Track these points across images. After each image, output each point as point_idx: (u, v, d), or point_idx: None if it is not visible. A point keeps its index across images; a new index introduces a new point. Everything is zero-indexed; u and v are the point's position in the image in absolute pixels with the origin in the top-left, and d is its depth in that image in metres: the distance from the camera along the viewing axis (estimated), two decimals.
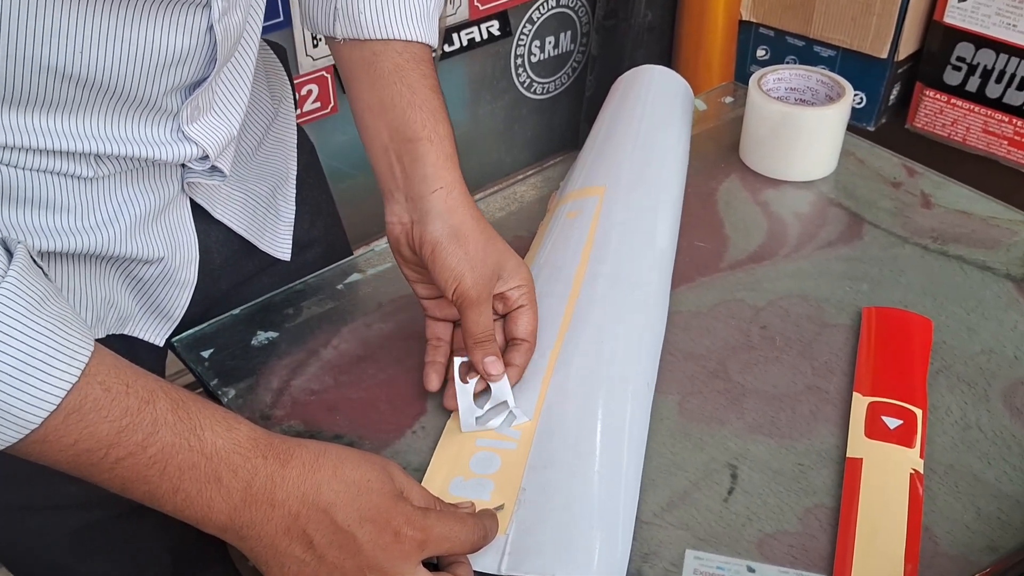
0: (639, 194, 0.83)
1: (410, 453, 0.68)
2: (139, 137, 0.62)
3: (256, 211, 0.80)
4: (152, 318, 0.75)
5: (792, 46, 1.53)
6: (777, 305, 0.79)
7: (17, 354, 0.46)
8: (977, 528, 0.61)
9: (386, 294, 0.82)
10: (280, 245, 0.83)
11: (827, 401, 0.70)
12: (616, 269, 0.77)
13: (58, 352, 0.47)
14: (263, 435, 0.54)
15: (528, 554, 0.59)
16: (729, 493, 0.64)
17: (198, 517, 0.52)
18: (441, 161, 0.68)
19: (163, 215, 0.69)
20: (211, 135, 0.66)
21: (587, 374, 0.69)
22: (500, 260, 0.68)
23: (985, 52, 1.35)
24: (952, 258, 0.84)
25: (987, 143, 1.41)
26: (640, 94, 0.94)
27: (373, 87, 0.69)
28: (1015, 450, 0.66)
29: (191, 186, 0.70)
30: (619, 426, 0.66)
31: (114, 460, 0.49)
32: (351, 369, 0.74)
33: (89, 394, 0.48)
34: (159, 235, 0.70)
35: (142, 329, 0.75)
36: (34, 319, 0.47)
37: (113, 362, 0.51)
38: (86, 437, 0.49)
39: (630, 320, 0.73)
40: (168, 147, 0.64)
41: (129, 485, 0.51)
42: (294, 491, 0.52)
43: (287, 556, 0.53)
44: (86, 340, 0.50)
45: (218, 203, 0.75)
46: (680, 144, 0.91)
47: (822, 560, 0.60)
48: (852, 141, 0.98)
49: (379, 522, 0.52)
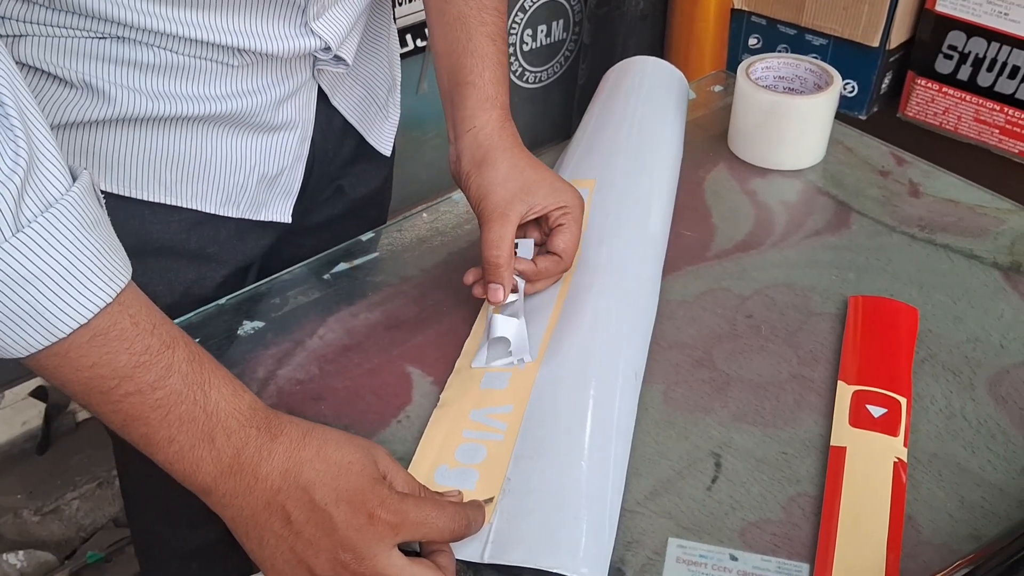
0: (632, 186, 0.83)
1: (395, 442, 0.67)
2: (269, 32, 0.70)
3: (370, 107, 0.88)
4: (278, 196, 0.82)
5: (784, 35, 1.52)
6: (763, 294, 0.79)
7: (62, 262, 0.48)
8: (960, 517, 0.61)
9: (372, 283, 0.82)
10: (384, 141, 0.92)
11: (812, 390, 0.70)
12: (607, 260, 0.77)
13: (99, 270, 0.50)
14: (262, 408, 0.56)
15: (511, 543, 0.59)
16: (713, 482, 0.64)
17: (185, 473, 0.54)
18: (479, 103, 0.74)
19: (296, 95, 0.77)
20: (333, 28, 0.73)
21: (576, 365, 0.69)
22: (528, 184, 0.72)
23: (976, 40, 1.34)
24: (939, 247, 0.83)
25: (978, 132, 1.40)
26: (633, 86, 0.94)
27: (441, 33, 0.78)
28: (999, 439, 0.66)
29: (319, 73, 0.78)
30: (607, 417, 0.65)
31: (123, 393, 0.51)
32: (337, 359, 0.74)
33: (118, 322, 0.51)
34: (290, 109, 0.78)
35: (270, 210, 0.82)
36: (83, 236, 0.50)
37: (146, 302, 0.54)
38: (104, 363, 0.51)
39: (620, 311, 0.73)
40: (295, 40, 0.71)
41: (130, 423, 0.52)
42: (278, 466, 0.54)
43: (266, 530, 0.54)
44: (125, 270, 0.52)
45: (339, 91, 0.83)
46: (675, 138, 0.91)
47: (805, 549, 0.60)
48: (841, 130, 0.98)
49: (355, 503, 0.53)
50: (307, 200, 0.87)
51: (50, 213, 0.48)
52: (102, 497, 1.52)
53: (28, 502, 1.47)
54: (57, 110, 0.67)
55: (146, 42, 0.67)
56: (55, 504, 1.48)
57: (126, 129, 0.70)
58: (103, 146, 0.70)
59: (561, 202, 0.73)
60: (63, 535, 1.50)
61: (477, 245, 0.85)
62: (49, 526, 1.49)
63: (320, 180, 0.87)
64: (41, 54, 0.65)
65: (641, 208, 0.82)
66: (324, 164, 0.86)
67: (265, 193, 0.81)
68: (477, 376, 0.71)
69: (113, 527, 1.53)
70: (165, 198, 0.75)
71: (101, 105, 0.67)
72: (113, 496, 1.52)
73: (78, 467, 1.52)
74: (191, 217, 0.77)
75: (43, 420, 1.55)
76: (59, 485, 1.50)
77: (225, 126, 0.74)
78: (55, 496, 1.48)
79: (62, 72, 0.66)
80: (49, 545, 1.49)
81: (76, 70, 0.66)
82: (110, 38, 0.66)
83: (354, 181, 0.93)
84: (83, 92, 0.67)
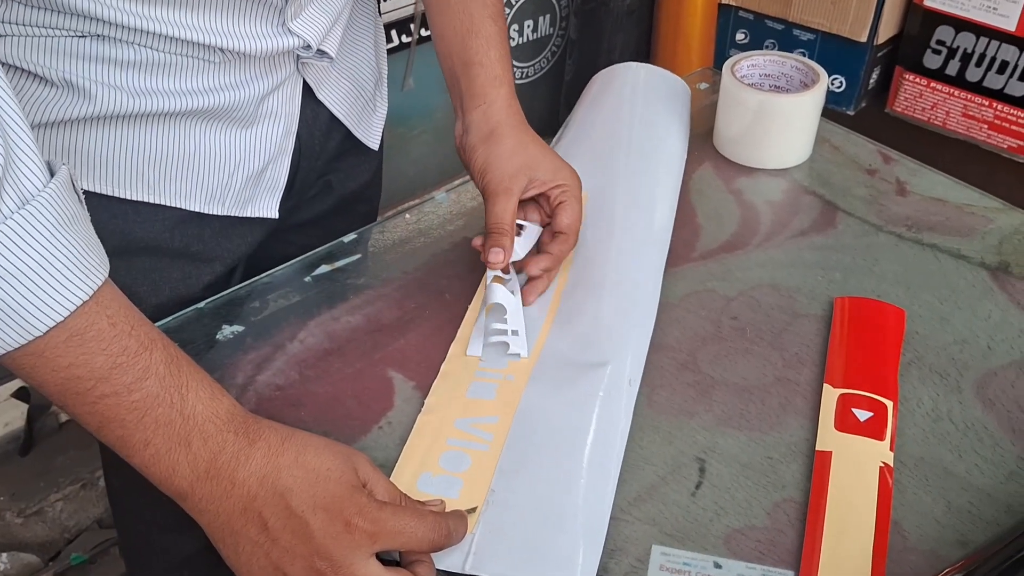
0: (634, 194, 0.83)
1: (376, 449, 0.66)
2: (248, 32, 0.69)
3: (357, 100, 0.88)
4: (264, 192, 0.82)
5: (771, 30, 1.51)
6: (748, 295, 0.78)
7: (38, 259, 0.48)
8: (947, 522, 0.61)
9: (354, 286, 0.81)
10: (372, 135, 0.92)
11: (797, 393, 0.70)
12: (603, 271, 0.76)
13: (76, 267, 0.50)
14: (240, 412, 0.55)
15: (494, 555, 0.58)
16: (697, 487, 0.63)
17: (162, 477, 0.53)
18: (488, 82, 0.78)
19: (279, 89, 0.77)
20: (312, 27, 0.73)
21: (567, 379, 0.68)
22: (531, 161, 0.76)
23: (965, 35, 1.34)
24: (926, 246, 0.83)
25: (967, 127, 1.40)
26: (631, 94, 0.93)
27: (442, 15, 0.80)
28: (986, 442, 0.66)
29: (304, 66, 0.78)
30: (600, 431, 0.64)
31: (99, 395, 0.51)
32: (317, 364, 0.73)
33: (95, 322, 0.51)
34: (274, 103, 0.77)
35: (256, 205, 0.81)
36: (60, 233, 0.49)
37: (125, 302, 0.53)
38: (81, 364, 0.50)
39: (616, 321, 0.72)
40: (274, 40, 0.71)
41: (106, 425, 0.52)
42: (256, 472, 0.53)
43: (242, 536, 0.53)
44: (103, 267, 0.52)
45: (325, 85, 0.82)
46: (680, 152, 0.91)
47: (790, 556, 0.59)
48: (827, 127, 0.98)
49: (332, 511, 0.53)
50: (295, 196, 0.86)
51: (26, 210, 0.48)
52: (86, 498, 1.51)
53: (11, 504, 1.46)
54: (39, 109, 0.66)
55: (127, 40, 0.66)
56: (39, 506, 1.47)
57: (109, 127, 0.69)
58: (86, 145, 0.69)
59: (560, 180, 0.76)
60: (47, 537, 1.49)
61: (461, 247, 0.84)
62: (33, 528, 1.47)
63: (307, 175, 0.87)
64: (21, 53, 0.64)
65: (644, 217, 0.82)
66: (311, 159, 0.85)
67: (251, 189, 0.80)
68: (464, 383, 0.70)
69: (97, 528, 1.52)
70: (149, 196, 0.74)
71: (83, 103, 0.67)
72: (97, 497, 1.51)
73: (61, 468, 1.51)
74: (175, 216, 0.76)
75: (25, 421, 1.53)
76: (42, 487, 1.48)
77: (208, 121, 0.73)
78: (38, 498, 1.47)
79: (42, 71, 0.65)
80: (33, 547, 1.47)
81: (56, 68, 0.65)
82: (90, 36, 0.65)
83: (342, 176, 0.92)
84: (64, 90, 0.66)
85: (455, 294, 0.79)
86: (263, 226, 0.84)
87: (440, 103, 1.78)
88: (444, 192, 0.92)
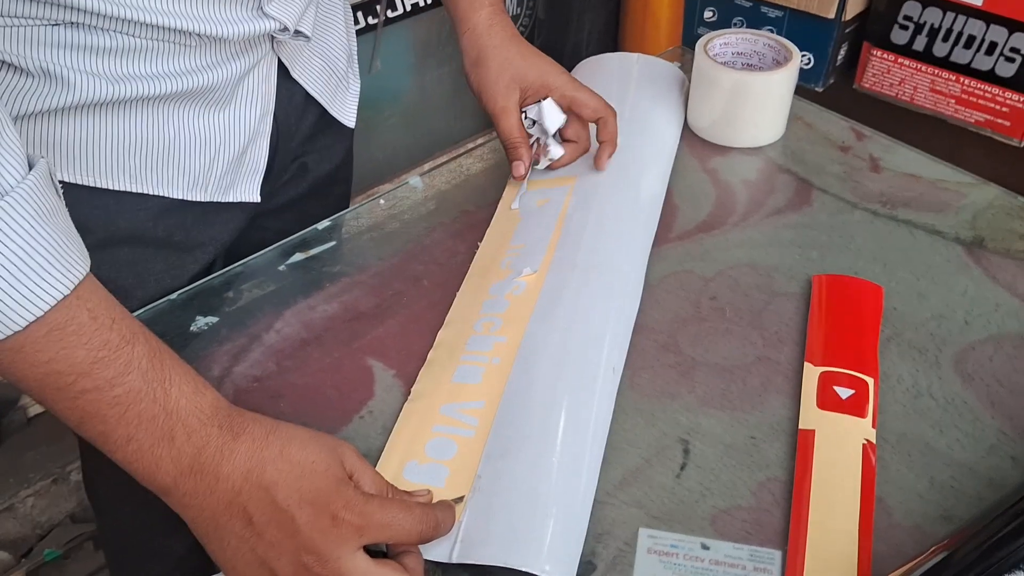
0: (621, 186, 0.82)
1: (358, 438, 0.66)
2: (224, 16, 0.69)
3: (331, 78, 0.88)
4: (245, 175, 0.81)
5: (739, 7, 1.51)
6: (727, 275, 0.78)
7: (17, 251, 0.47)
8: (931, 498, 0.61)
9: (329, 274, 0.80)
10: (348, 112, 0.93)
11: (778, 372, 0.70)
12: (587, 257, 0.75)
13: (56, 261, 0.49)
14: (225, 406, 0.55)
15: (480, 542, 0.57)
16: (682, 469, 0.63)
17: (145, 473, 0.53)
18: (468, 5, 0.84)
19: (255, 68, 0.77)
20: (287, 9, 0.73)
21: (551, 363, 0.67)
22: (516, 75, 0.82)
23: (932, 10, 1.34)
24: (901, 223, 0.83)
25: (934, 102, 1.40)
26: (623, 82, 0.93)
27: None
28: (967, 417, 0.66)
29: (278, 45, 0.79)
30: (583, 416, 0.64)
31: (80, 390, 0.50)
32: (295, 354, 0.72)
33: (76, 316, 0.50)
34: (251, 82, 0.77)
35: (239, 189, 0.81)
36: (38, 226, 0.49)
37: (105, 295, 0.52)
38: (61, 359, 0.49)
39: (599, 307, 0.72)
40: (250, 24, 0.71)
41: (87, 421, 0.51)
42: (240, 466, 0.52)
43: (227, 531, 0.53)
44: (83, 261, 0.51)
45: (298, 63, 0.82)
46: (672, 139, 0.91)
47: (776, 535, 0.59)
48: (800, 105, 0.97)
49: (318, 505, 0.52)
50: (272, 180, 0.86)
51: (3, 202, 0.47)
52: (58, 493, 1.49)
53: None
54: (16, 100, 0.65)
55: (101, 27, 0.65)
56: (9, 502, 1.45)
57: (88, 116, 0.68)
58: (65, 135, 0.68)
59: (549, 83, 0.83)
60: (19, 533, 1.47)
61: (437, 232, 0.84)
62: (4, 524, 1.45)
63: (284, 157, 0.86)
64: None
65: (629, 203, 0.81)
66: (287, 140, 0.85)
67: (232, 173, 0.79)
68: (450, 369, 0.69)
69: (70, 523, 1.50)
70: (131, 186, 0.73)
71: (60, 92, 0.65)
72: (69, 492, 1.49)
73: (32, 463, 1.49)
74: (158, 204, 0.75)
75: None
76: (12, 483, 1.46)
77: (186, 103, 0.73)
78: (9, 494, 1.45)
79: (18, 60, 0.64)
80: (5, 544, 1.45)
81: (32, 57, 0.64)
82: (63, 24, 0.64)
83: (317, 157, 0.92)
84: (41, 79, 0.65)
85: (433, 280, 0.78)
86: (244, 211, 0.83)
87: (408, 85, 1.77)
88: (417, 176, 0.91)
